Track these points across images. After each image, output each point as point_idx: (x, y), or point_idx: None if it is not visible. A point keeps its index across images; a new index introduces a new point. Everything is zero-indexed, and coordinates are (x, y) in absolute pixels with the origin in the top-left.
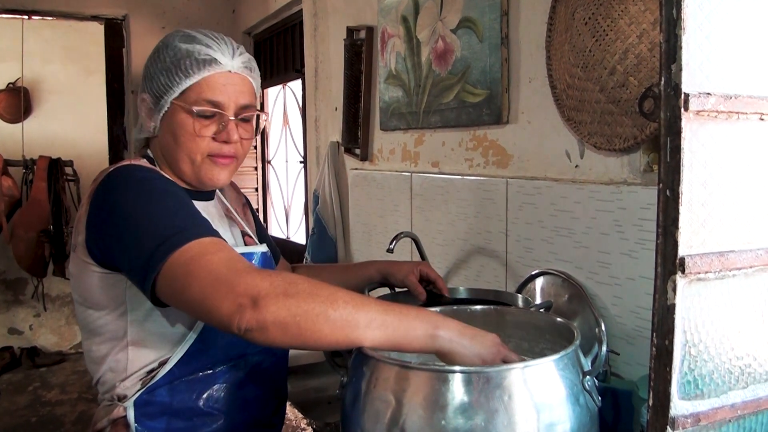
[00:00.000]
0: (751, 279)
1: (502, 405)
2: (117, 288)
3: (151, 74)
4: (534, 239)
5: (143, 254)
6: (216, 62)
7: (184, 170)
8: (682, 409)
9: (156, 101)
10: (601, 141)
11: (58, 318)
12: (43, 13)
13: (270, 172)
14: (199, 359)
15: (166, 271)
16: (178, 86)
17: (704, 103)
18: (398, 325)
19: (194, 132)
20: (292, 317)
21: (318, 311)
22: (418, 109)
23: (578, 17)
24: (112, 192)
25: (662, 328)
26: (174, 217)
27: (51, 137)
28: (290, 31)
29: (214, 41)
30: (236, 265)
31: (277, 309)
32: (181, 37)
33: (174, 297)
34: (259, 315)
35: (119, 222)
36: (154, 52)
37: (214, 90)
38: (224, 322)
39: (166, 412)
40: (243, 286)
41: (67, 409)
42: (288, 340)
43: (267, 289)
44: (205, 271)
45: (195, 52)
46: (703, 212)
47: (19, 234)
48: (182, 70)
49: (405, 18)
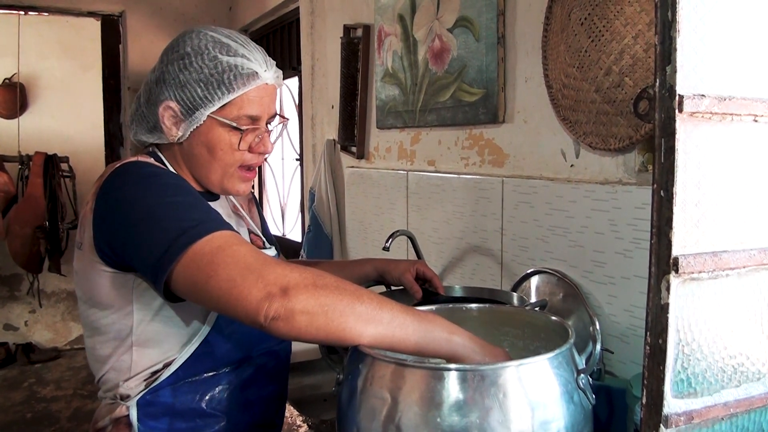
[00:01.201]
0: (744, 279)
1: (496, 402)
2: (124, 287)
3: (182, 82)
4: (529, 238)
5: (160, 246)
6: (257, 76)
7: (213, 180)
8: (676, 407)
9: (188, 112)
10: (596, 141)
11: (54, 314)
12: (40, 8)
13: (266, 170)
14: (204, 361)
15: (187, 261)
16: (219, 101)
17: (698, 105)
18: (418, 326)
19: (233, 146)
20: (320, 307)
21: (345, 303)
22: (415, 108)
23: (574, 17)
24: (121, 187)
25: (656, 326)
26: (192, 210)
27: (47, 133)
28: (287, 29)
29: (249, 51)
30: (263, 257)
31: (306, 298)
32: (214, 43)
33: (195, 287)
34: (288, 303)
35: (131, 216)
36: (181, 57)
37: (253, 104)
38: (251, 310)
39: (168, 413)
40: (273, 276)
41: (62, 405)
42: (313, 331)
43: (297, 279)
44: (233, 261)
45: (239, 66)
46: (696, 212)
47: (15, 230)
48: (225, 84)
49: (402, 16)
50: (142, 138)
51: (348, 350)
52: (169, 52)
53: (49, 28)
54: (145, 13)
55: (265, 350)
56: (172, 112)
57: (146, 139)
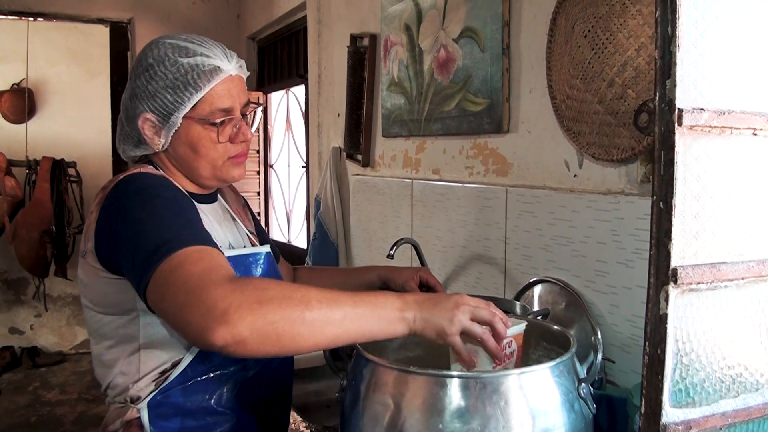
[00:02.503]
0: (743, 290)
1: (498, 410)
2: (128, 292)
3: (151, 92)
4: (532, 247)
5: (138, 263)
6: (220, 70)
7: (204, 175)
8: (674, 416)
9: (164, 119)
10: (599, 151)
11: (59, 318)
12: (49, 15)
13: (272, 177)
14: (211, 359)
15: (154, 280)
16: (189, 101)
17: (698, 119)
18: (371, 315)
19: (213, 141)
20: (269, 324)
21: (295, 315)
22: (420, 117)
23: (578, 30)
24: (120, 199)
25: (654, 337)
26: (169, 226)
27: (54, 138)
28: (294, 37)
29: (207, 48)
30: (209, 277)
31: (252, 320)
32: (173, 49)
33: (155, 306)
34: (233, 329)
35: (122, 229)
36: (146, 70)
37: (223, 97)
38: (198, 338)
39: (179, 413)
40: (211, 300)
41: (66, 409)
42: (268, 349)
43: (238, 300)
44: (182, 282)
45: (199, 65)
46: (695, 224)
47: (22, 234)
48: (191, 85)
49: (408, 26)
50: (131, 154)
51: (351, 357)
52: (136, 67)
53: (58, 34)
54: (154, 20)
55: None
56: (150, 123)
57: (135, 154)
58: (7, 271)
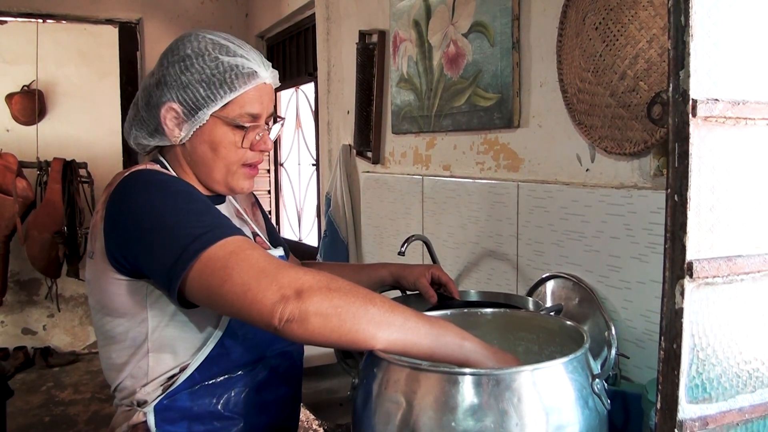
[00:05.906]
0: (759, 283)
1: (511, 407)
2: (138, 295)
3: (184, 84)
4: (545, 242)
5: (172, 254)
6: (257, 75)
7: (217, 178)
8: (690, 412)
9: (190, 112)
10: (611, 145)
11: (72, 318)
12: (58, 16)
13: (283, 175)
14: (219, 364)
15: (200, 267)
16: (221, 100)
17: (712, 109)
18: (430, 330)
19: (236, 144)
20: (334, 309)
21: (358, 305)
22: (430, 113)
23: (589, 22)
24: (131, 195)
25: (670, 331)
26: (203, 216)
27: (65, 139)
28: (303, 35)
29: (246, 51)
30: (277, 260)
31: (320, 300)
32: (213, 45)
33: (209, 292)
34: (302, 305)
35: (142, 224)
36: (182, 60)
37: (254, 103)
38: (266, 312)
39: (186, 417)
40: (287, 279)
41: (80, 408)
42: (327, 333)
43: (311, 282)
44: (247, 264)
45: (239, 66)
46: (711, 217)
47: (33, 235)
48: (227, 84)
49: (417, 22)
50: (143, 142)
51: (363, 354)
52: (169, 55)
53: (67, 35)
54: (163, 21)
55: (278, 351)
56: (174, 113)
57: (147, 143)
58: (19, 272)
